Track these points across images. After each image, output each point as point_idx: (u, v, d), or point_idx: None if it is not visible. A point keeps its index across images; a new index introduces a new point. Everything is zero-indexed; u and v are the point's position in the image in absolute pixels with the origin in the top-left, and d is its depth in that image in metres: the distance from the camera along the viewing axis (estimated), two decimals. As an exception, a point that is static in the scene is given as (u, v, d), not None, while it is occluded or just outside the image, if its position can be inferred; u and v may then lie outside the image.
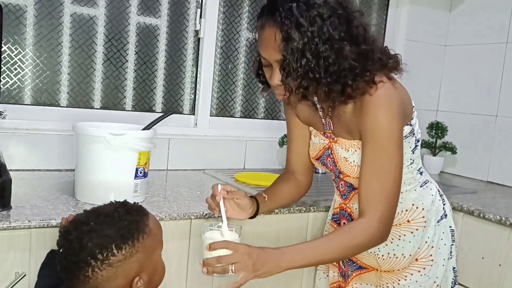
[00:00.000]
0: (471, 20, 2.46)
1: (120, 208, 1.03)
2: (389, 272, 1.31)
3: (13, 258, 1.19)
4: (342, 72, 1.08)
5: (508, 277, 1.62)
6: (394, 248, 1.28)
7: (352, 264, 1.37)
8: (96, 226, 0.98)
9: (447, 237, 1.33)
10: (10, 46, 1.76)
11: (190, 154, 2.05)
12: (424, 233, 1.29)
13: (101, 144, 1.34)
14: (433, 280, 1.30)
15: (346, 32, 1.08)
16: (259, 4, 2.22)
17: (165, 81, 2.07)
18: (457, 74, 2.52)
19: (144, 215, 1.05)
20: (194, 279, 1.43)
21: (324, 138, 1.31)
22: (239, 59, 2.22)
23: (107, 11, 1.91)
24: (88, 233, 0.97)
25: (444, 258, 1.32)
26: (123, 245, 0.97)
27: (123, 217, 1.01)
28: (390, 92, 1.14)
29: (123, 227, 0.99)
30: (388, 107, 1.13)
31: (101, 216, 1.00)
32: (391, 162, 1.14)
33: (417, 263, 1.30)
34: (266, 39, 1.11)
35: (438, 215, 1.31)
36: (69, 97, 1.88)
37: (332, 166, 1.31)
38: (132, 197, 1.40)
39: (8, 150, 1.67)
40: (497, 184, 2.29)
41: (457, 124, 2.48)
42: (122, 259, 0.97)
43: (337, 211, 1.39)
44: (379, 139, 1.13)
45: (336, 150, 1.27)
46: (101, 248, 0.96)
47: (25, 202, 1.32)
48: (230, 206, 1.24)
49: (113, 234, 0.97)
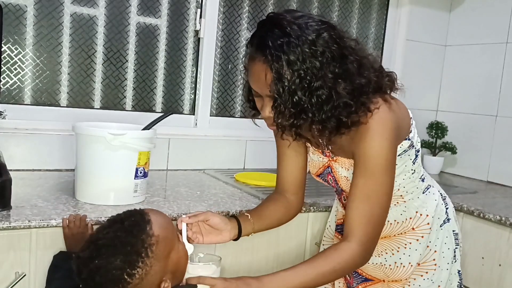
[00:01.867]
0: (471, 20, 2.46)
1: (119, 231, 1.00)
2: (397, 282, 1.31)
3: (13, 258, 1.19)
4: (336, 110, 1.04)
5: (508, 277, 1.62)
6: (401, 257, 1.28)
7: (357, 277, 1.36)
8: (102, 262, 0.97)
9: (451, 241, 1.32)
10: (10, 46, 1.76)
11: (190, 154, 2.05)
12: (426, 239, 1.29)
13: (101, 144, 1.34)
14: (437, 284, 1.29)
15: (340, 68, 1.03)
16: (259, 4, 2.22)
17: (165, 81, 2.07)
18: (457, 74, 2.52)
19: (145, 225, 1.01)
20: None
21: (323, 156, 1.28)
22: (239, 59, 2.22)
23: (107, 11, 1.91)
24: (96, 270, 0.96)
25: (448, 262, 1.31)
26: (134, 271, 0.96)
27: (124, 241, 0.98)
28: (384, 116, 1.11)
29: (128, 253, 0.97)
30: (381, 133, 1.10)
31: (102, 249, 0.98)
32: (380, 187, 1.12)
33: (420, 267, 1.29)
34: (256, 74, 1.05)
35: (440, 219, 1.31)
36: (69, 97, 1.88)
37: (333, 183, 1.30)
38: (132, 197, 1.40)
39: (8, 150, 1.67)
40: (497, 184, 2.29)
41: (457, 124, 2.48)
42: (139, 281, 0.97)
43: (341, 222, 1.38)
44: (370, 164, 1.11)
45: (336, 169, 1.25)
46: (114, 282, 0.96)
47: (25, 202, 1.32)
48: (205, 230, 1.20)
49: (121, 264, 0.96)
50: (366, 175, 1.12)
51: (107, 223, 1.05)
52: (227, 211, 1.44)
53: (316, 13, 2.37)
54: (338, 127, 1.08)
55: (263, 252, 1.54)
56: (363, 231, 1.12)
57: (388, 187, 1.14)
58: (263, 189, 1.77)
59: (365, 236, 1.12)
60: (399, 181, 1.22)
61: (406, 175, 1.22)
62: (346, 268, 1.14)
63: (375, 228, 1.14)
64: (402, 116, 1.18)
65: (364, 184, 1.13)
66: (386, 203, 1.15)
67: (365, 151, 1.11)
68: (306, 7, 2.34)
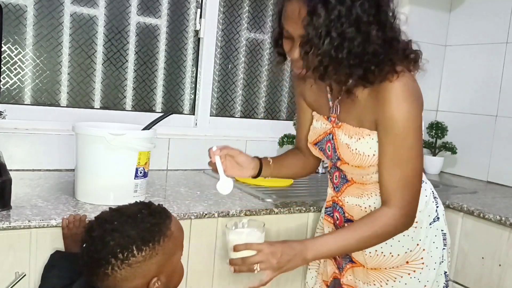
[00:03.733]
0: (471, 20, 2.46)
1: (144, 210, 1.04)
2: (375, 270, 1.29)
3: (13, 258, 1.19)
4: (365, 56, 1.05)
5: (508, 277, 1.62)
6: (383, 246, 1.26)
7: (345, 257, 1.35)
8: (119, 226, 1.00)
9: (439, 241, 1.30)
10: (10, 46, 1.76)
11: (190, 154, 2.05)
12: (416, 235, 1.26)
13: (101, 144, 1.34)
14: (423, 284, 1.27)
15: (375, 17, 1.04)
16: (259, 4, 2.22)
17: (165, 81, 2.07)
18: (457, 74, 2.52)
19: (167, 217, 1.06)
20: (194, 279, 1.43)
21: (327, 122, 1.28)
22: (239, 59, 2.22)
23: (107, 11, 1.91)
24: (111, 232, 0.99)
25: (436, 261, 1.28)
26: (144, 247, 0.99)
27: (146, 219, 1.02)
28: (411, 83, 1.13)
29: (145, 229, 1.00)
30: (408, 95, 1.11)
31: (124, 216, 1.02)
32: (411, 151, 1.14)
33: (408, 265, 1.27)
34: (291, 12, 1.06)
35: (430, 217, 1.29)
36: (69, 97, 1.88)
37: (330, 152, 1.28)
38: (132, 197, 1.40)
39: (8, 150, 1.67)
40: (497, 184, 2.29)
41: (457, 124, 2.48)
42: (141, 260, 0.99)
43: (329, 204, 1.37)
44: (399, 128, 1.12)
45: (338, 135, 1.24)
46: (122, 248, 0.97)
47: (25, 202, 1.32)
48: (229, 164, 1.30)
49: (135, 235, 0.99)
50: (396, 140, 1.13)
51: (133, 202, 1.09)
52: (227, 211, 1.44)
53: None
54: (365, 76, 1.08)
55: (263, 252, 1.54)
56: (401, 196, 1.15)
57: (419, 150, 1.15)
58: (263, 189, 1.77)
59: (403, 201, 1.15)
60: None
61: None
62: (387, 233, 1.17)
63: (412, 192, 1.16)
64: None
65: (395, 149, 1.14)
66: (419, 166, 1.16)
67: (392, 115, 1.11)
68: (306, 7, 2.34)
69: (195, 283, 1.43)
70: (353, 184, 1.28)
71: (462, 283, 1.77)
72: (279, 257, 1.10)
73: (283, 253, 1.10)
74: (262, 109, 2.32)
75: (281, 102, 2.35)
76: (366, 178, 1.24)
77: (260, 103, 2.31)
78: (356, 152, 1.20)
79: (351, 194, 1.29)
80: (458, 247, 1.80)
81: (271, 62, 2.30)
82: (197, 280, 1.44)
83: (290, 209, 1.53)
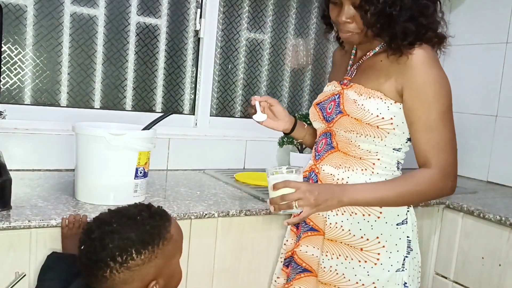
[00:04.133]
0: (471, 20, 2.46)
1: (144, 212, 1.03)
2: (331, 241, 1.29)
3: (13, 258, 1.19)
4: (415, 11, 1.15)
5: (508, 277, 1.62)
6: (343, 220, 1.26)
7: (304, 225, 1.35)
8: (118, 228, 0.98)
9: (402, 246, 1.26)
10: (10, 46, 1.76)
11: (190, 154, 2.05)
12: (378, 226, 1.25)
13: (101, 144, 1.34)
14: (372, 280, 1.25)
15: None
16: (259, 4, 2.22)
17: (165, 81, 2.07)
18: (457, 74, 2.51)
19: (166, 220, 1.05)
20: (194, 279, 1.43)
21: (338, 85, 1.33)
22: (239, 59, 2.22)
23: (107, 11, 1.91)
24: (110, 233, 0.98)
25: (392, 264, 1.25)
26: (143, 250, 0.98)
27: (145, 221, 1.01)
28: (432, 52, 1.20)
29: (145, 232, 0.99)
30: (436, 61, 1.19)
31: (124, 218, 1.01)
32: (445, 114, 1.19)
33: (361, 253, 1.25)
34: None
35: (399, 218, 1.27)
36: (69, 97, 1.88)
37: (331, 110, 1.30)
38: (132, 197, 1.40)
39: (8, 150, 1.67)
40: (497, 184, 2.29)
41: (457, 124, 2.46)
42: (140, 263, 0.98)
43: (306, 175, 1.37)
44: (431, 91, 1.17)
45: (347, 94, 1.27)
46: (121, 251, 0.96)
47: (25, 202, 1.32)
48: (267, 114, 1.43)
49: (134, 238, 0.98)
50: (429, 105, 1.17)
51: (133, 204, 1.08)
52: (227, 211, 1.44)
53: (316, 13, 2.37)
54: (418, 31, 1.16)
55: (263, 252, 1.54)
56: (440, 158, 1.18)
57: (451, 115, 1.20)
58: (263, 189, 1.77)
59: (443, 162, 1.18)
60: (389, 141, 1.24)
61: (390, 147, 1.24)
62: (427, 191, 1.20)
63: (451, 154, 1.19)
64: None
65: (429, 113, 1.18)
66: (453, 130, 1.20)
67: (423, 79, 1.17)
68: (306, 7, 2.34)
69: (195, 283, 1.43)
70: (336, 152, 1.30)
71: (462, 283, 1.77)
72: (317, 195, 1.16)
73: (320, 192, 1.17)
74: (262, 109, 2.32)
75: (281, 102, 2.35)
76: (351, 148, 1.27)
77: (260, 103, 2.31)
78: (361, 108, 1.23)
79: (330, 163, 1.30)
80: (458, 247, 1.80)
81: (271, 62, 2.30)
82: (197, 280, 1.44)
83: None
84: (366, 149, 1.25)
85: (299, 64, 2.38)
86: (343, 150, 1.28)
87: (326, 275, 1.29)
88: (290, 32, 2.32)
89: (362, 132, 1.23)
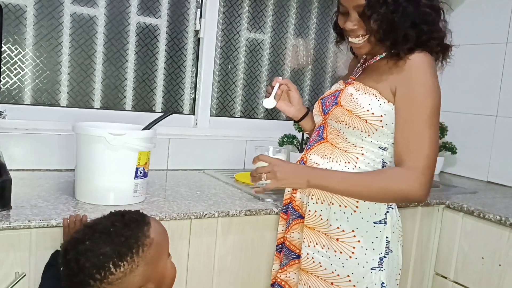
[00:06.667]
0: (471, 20, 2.46)
1: (118, 222, 1.00)
2: (310, 229, 1.31)
3: (13, 258, 1.19)
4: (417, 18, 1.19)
5: (508, 277, 1.62)
6: (322, 209, 1.29)
7: (294, 213, 1.38)
8: (92, 245, 0.96)
9: (379, 245, 1.27)
10: (10, 46, 1.76)
11: (190, 154, 2.05)
12: (353, 220, 1.26)
13: (101, 144, 1.34)
14: (347, 273, 1.26)
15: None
16: (259, 4, 2.22)
17: (165, 81, 2.07)
18: (457, 74, 2.52)
19: (144, 225, 1.02)
20: (194, 279, 1.43)
21: (343, 83, 1.37)
22: (239, 59, 2.22)
23: (107, 11, 1.91)
24: (84, 252, 0.95)
25: (368, 261, 1.25)
26: (121, 263, 0.95)
27: (120, 232, 0.98)
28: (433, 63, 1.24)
29: (120, 244, 0.96)
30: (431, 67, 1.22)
31: (96, 234, 0.98)
32: (428, 117, 1.19)
33: (337, 243, 1.27)
34: None
35: (377, 216, 1.27)
36: (69, 97, 1.88)
37: (329, 103, 1.35)
38: (132, 197, 1.40)
39: (8, 150, 1.67)
40: (497, 184, 2.29)
41: (457, 124, 2.48)
42: (121, 276, 0.96)
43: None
44: (419, 93, 1.19)
45: (346, 89, 1.32)
46: (98, 268, 0.94)
47: (25, 202, 1.32)
48: (282, 97, 1.47)
49: (110, 252, 0.95)
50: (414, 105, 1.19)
51: (107, 214, 1.05)
52: (227, 211, 1.44)
53: (316, 13, 2.37)
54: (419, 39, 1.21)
55: (263, 252, 1.54)
56: (415, 159, 1.18)
57: (435, 121, 1.20)
58: (263, 189, 1.77)
59: (417, 164, 1.18)
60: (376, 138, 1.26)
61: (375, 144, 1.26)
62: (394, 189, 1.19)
63: (428, 158, 1.18)
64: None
65: (412, 113, 1.20)
66: (435, 136, 1.20)
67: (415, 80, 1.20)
68: (306, 7, 2.34)
69: (195, 283, 1.44)
70: (324, 143, 1.33)
71: (462, 283, 1.77)
72: (282, 170, 1.23)
73: (286, 168, 1.24)
74: (262, 109, 2.32)
75: (281, 102, 2.35)
76: (339, 140, 1.30)
77: (260, 103, 2.31)
78: (355, 101, 1.27)
79: (317, 153, 1.34)
80: (458, 247, 1.80)
81: (271, 62, 2.30)
82: (197, 280, 1.44)
83: (290, 209, 1.53)
84: (352, 143, 1.28)
85: (299, 64, 2.38)
86: (331, 142, 1.32)
87: (305, 263, 1.32)
88: (290, 32, 2.32)
89: (350, 124, 1.26)
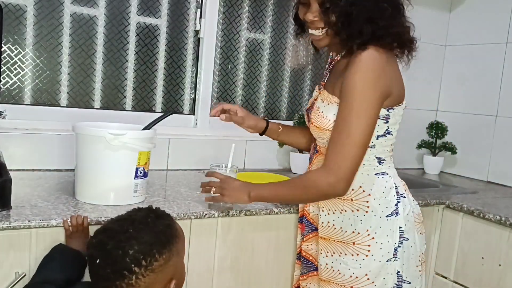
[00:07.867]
0: (471, 20, 2.46)
1: (151, 213, 1.05)
2: (325, 240, 1.34)
3: (13, 258, 1.19)
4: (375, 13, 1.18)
5: (508, 277, 1.62)
6: (335, 219, 1.31)
7: (309, 225, 1.42)
8: (135, 233, 0.99)
9: (394, 236, 1.27)
10: (10, 46, 1.76)
11: (190, 154, 2.05)
12: (366, 220, 1.27)
13: (101, 144, 1.34)
14: (365, 272, 1.27)
15: None
16: (259, 4, 2.22)
17: (165, 81, 2.07)
18: (457, 74, 2.52)
19: (171, 219, 1.08)
20: (193, 279, 1.43)
21: (318, 90, 1.40)
22: (239, 59, 2.22)
23: (107, 11, 1.91)
24: (127, 240, 0.98)
25: (383, 255, 1.26)
26: (163, 250, 0.99)
27: (156, 223, 1.02)
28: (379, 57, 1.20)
29: (160, 232, 1.01)
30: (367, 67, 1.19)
31: (135, 223, 1.01)
32: (353, 119, 1.19)
33: (353, 247, 1.28)
34: None
35: (388, 210, 1.28)
36: (69, 97, 1.88)
37: (309, 117, 1.38)
38: (132, 197, 1.40)
39: (8, 150, 1.67)
40: (497, 184, 2.29)
41: (457, 124, 2.48)
42: (162, 263, 0.99)
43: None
44: (347, 94, 1.20)
45: (318, 101, 1.34)
46: (145, 254, 0.97)
47: (25, 202, 1.32)
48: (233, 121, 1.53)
49: (152, 240, 0.99)
50: (342, 105, 1.21)
51: (133, 209, 1.09)
52: (227, 211, 1.44)
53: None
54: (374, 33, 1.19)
55: (263, 252, 1.54)
56: (332, 159, 1.22)
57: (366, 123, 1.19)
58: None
59: (333, 163, 1.21)
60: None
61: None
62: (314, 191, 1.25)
63: (346, 158, 1.20)
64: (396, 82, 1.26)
65: (340, 114, 1.22)
66: (358, 137, 1.19)
67: (347, 81, 1.20)
68: (306, 7, 2.34)
69: (195, 283, 1.43)
70: (320, 155, 1.35)
71: (462, 283, 1.78)
72: (227, 187, 1.34)
73: (231, 185, 1.34)
74: (262, 109, 2.32)
75: (281, 102, 2.35)
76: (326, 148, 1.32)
77: (260, 103, 2.31)
78: (321, 115, 1.29)
79: (317, 165, 1.36)
80: (458, 247, 1.80)
81: (271, 62, 2.30)
82: (197, 280, 1.44)
83: (290, 209, 1.53)
84: None
85: (299, 64, 2.38)
86: (323, 153, 1.33)
87: (324, 273, 1.34)
88: (290, 32, 2.32)
89: (325, 137, 1.29)
